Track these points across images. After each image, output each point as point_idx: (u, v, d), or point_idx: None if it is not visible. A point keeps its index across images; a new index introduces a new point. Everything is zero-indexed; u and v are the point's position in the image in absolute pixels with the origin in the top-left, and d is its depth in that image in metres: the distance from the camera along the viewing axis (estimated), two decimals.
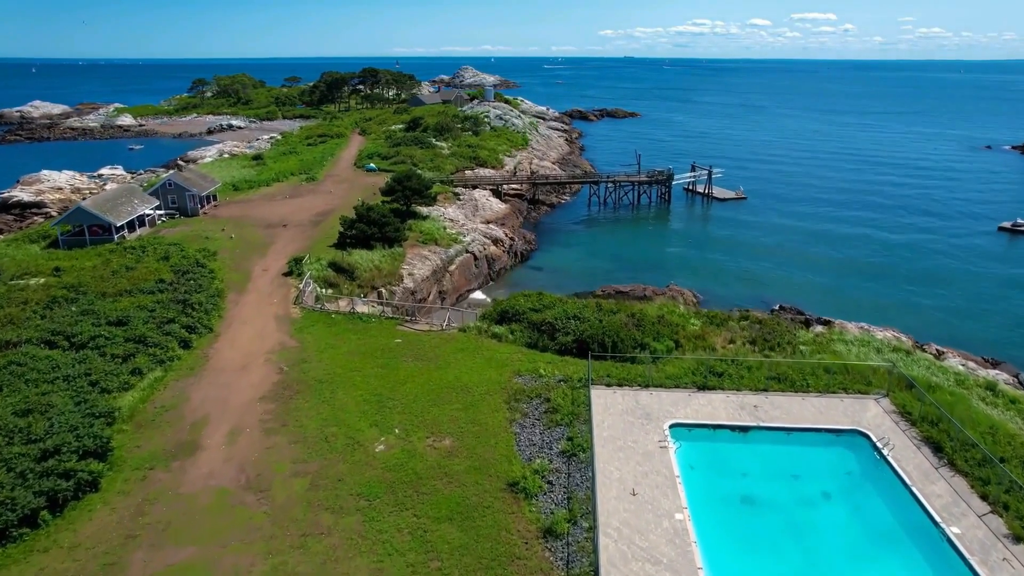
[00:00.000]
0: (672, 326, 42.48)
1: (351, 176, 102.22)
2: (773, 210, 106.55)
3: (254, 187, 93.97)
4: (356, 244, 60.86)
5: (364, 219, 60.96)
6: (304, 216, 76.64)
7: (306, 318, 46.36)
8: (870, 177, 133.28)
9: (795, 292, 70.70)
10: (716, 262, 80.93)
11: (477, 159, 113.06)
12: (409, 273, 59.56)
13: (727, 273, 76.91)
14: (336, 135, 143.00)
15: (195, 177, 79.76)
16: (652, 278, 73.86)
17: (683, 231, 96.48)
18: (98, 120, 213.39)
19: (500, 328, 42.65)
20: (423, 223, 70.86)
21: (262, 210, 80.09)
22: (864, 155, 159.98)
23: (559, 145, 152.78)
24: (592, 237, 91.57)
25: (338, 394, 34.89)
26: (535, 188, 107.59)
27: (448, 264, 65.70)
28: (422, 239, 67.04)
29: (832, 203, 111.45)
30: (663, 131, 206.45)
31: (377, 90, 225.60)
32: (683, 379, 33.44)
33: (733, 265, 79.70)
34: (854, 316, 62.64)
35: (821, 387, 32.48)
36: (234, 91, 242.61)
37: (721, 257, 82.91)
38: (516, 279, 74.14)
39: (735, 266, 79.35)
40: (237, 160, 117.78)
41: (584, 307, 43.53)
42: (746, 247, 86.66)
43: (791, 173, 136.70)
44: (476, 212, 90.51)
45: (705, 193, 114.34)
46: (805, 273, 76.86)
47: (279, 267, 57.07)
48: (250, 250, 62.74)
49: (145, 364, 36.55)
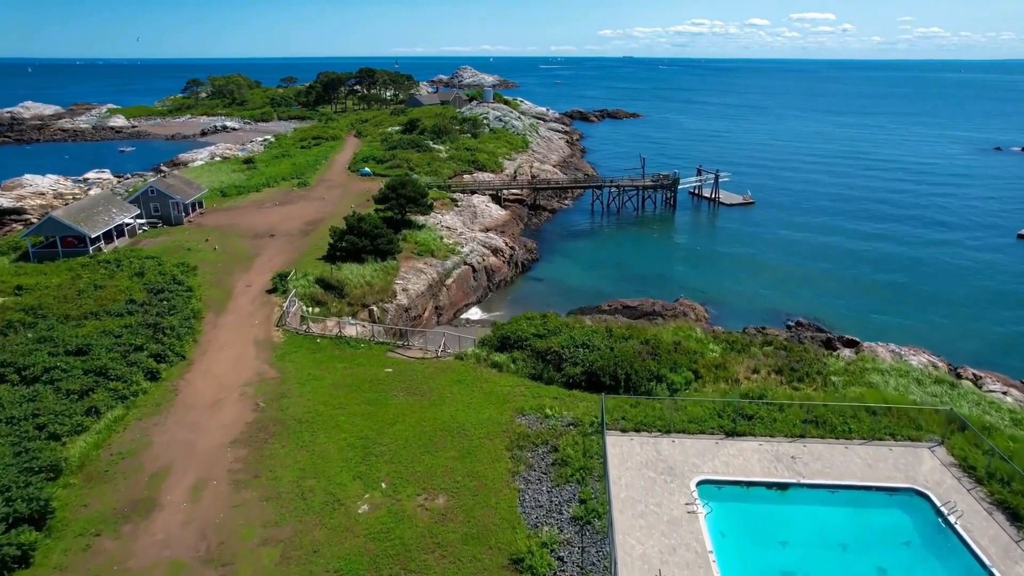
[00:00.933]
0: (690, 354, 38.60)
1: (345, 181, 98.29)
2: (782, 216, 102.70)
3: (243, 193, 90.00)
4: (346, 257, 56.93)
5: (355, 231, 57.04)
6: (293, 225, 72.70)
7: (289, 343, 42.42)
8: (879, 180, 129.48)
9: (811, 305, 66.84)
10: (726, 272, 77.06)
11: (476, 163, 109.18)
12: (403, 288, 55.63)
13: (738, 284, 73.07)
14: (331, 137, 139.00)
15: (179, 184, 75.77)
16: (660, 290, 70.02)
17: (690, 238, 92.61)
18: (90, 121, 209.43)
19: (501, 356, 38.75)
20: (418, 233, 66.95)
21: (250, 218, 76.16)
22: (870, 157, 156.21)
23: (560, 147, 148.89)
24: (596, 245, 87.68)
25: (319, 437, 30.98)
26: (536, 193, 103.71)
27: (445, 277, 61.79)
28: (417, 250, 63.12)
29: (842, 208, 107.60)
30: (665, 132, 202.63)
31: (374, 91, 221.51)
32: (708, 423, 29.52)
33: (744, 275, 75.85)
34: (877, 333, 58.91)
35: (865, 432, 28.60)
36: (229, 92, 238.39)
37: (731, 266, 79.05)
38: (517, 292, 70.27)
39: (746, 276, 75.49)
40: (228, 164, 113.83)
41: (593, 333, 39.61)
42: (757, 256, 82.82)
43: (798, 176, 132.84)
44: (475, 219, 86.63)
45: (712, 198, 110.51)
46: (819, 284, 72.97)
47: (263, 283, 53.13)
48: (234, 263, 58.79)
49: (104, 401, 32.59)
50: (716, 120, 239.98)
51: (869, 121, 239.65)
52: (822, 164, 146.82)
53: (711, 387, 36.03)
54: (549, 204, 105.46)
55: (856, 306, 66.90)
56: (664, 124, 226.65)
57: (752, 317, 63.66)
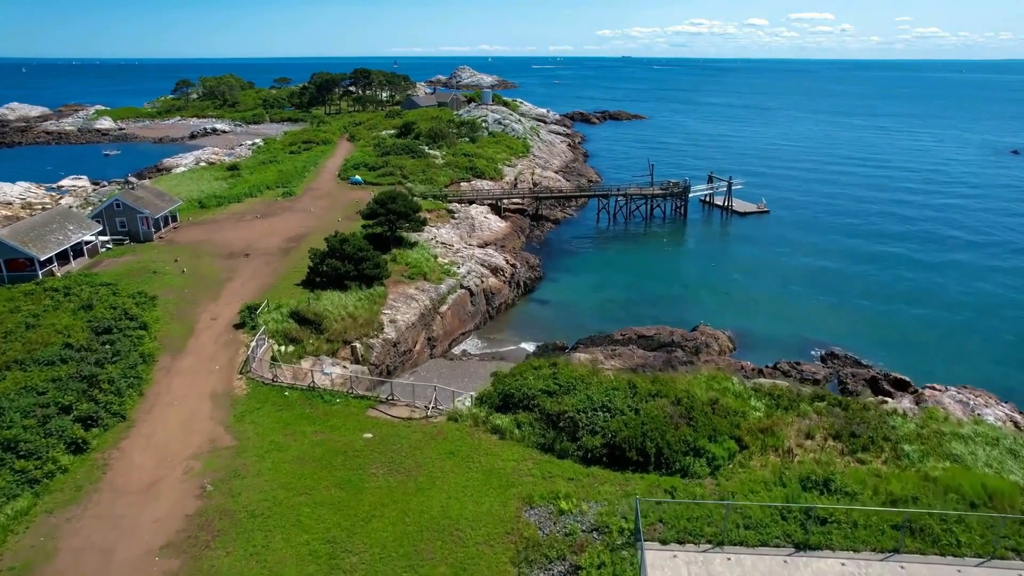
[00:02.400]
0: (730, 415, 32.12)
1: (333, 190, 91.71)
2: (799, 226, 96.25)
3: (223, 204, 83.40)
4: (327, 284, 50.38)
5: (337, 254, 50.49)
6: (273, 242, 66.12)
7: (253, 396, 35.88)
8: (897, 186, 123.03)
9: (840, 330, 60.32)
10: (745, 290, 70.55)
11: (474, 169, 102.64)
12: (391, 320, 49.06)
13: (760, 304, 66.53)
14: (322, 141, 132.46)
15: (149, 196, 69.16)
16: (676, 314, 63.51)
17: (704, 252, 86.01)
18: (75, 123, 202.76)
19: (503, 419, 32.20)
20: (410, 252, 60.36)
21: (227, 233, 69.59)
22: (886, 161, 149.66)
23: (562, 152, 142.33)
24: (603, 260, 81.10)
25: (274, 540, 24.47)
26: (538, 203, 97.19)
27: (439, 304, 55.22)
28: (408, 273, 56.52)
29: (863, 217, 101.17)
30: (670, 135, 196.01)
31: (369, 92, 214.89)
32: (770, 529, 23.02)
33: (765, 294, 69.32)
34: (921, 367, 52.57)
35: (977, 545, 22.19)
36: (220, 93, 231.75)
37: (750, 283, 72.56)
38: (519, 317, 63.66)
39: (767, 295, 68.97)
40: (211, 170, 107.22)
41: (613, 391, 33.02)
42: (776, 271, 76.30)
43: (812, 182, 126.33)
44: (473, 232, 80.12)
45: (724, 206, 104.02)
46: (846, 305, 66.37)
47: (232, 315, 46.55)
48: (202, 290, 52.21)
49: (5, 488, 26.09)
50: (721, 122, 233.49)
51: (880, 123, 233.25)
52: (836, 168, 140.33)
53: (758, 459, 29.60)
54: (552, 214, 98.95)
55: (889, 331, 60.35)
56: (668, 126, 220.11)
57: (779, 345, 57.21)
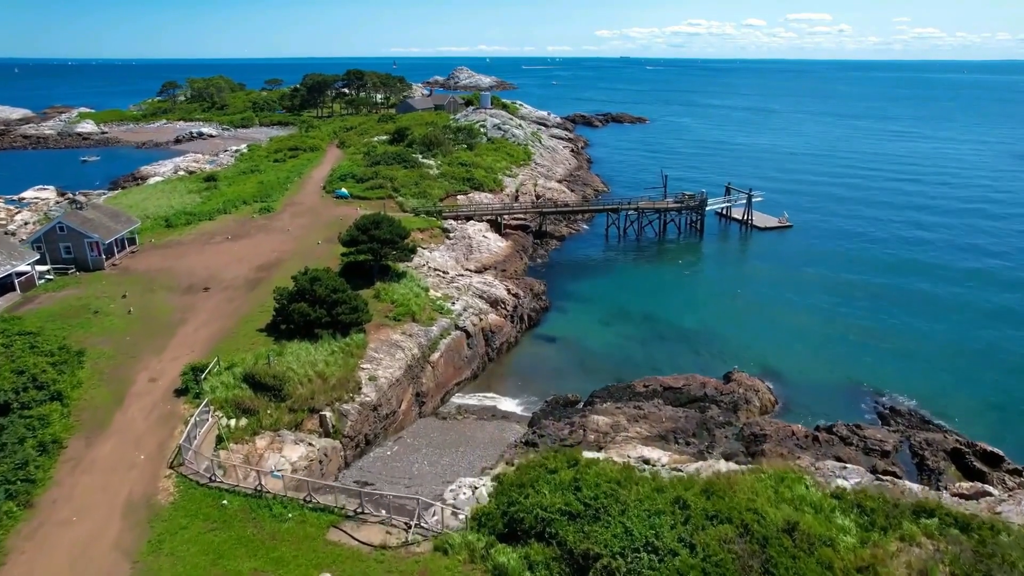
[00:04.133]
0: (815, 544, 23.81)
1: (317, 204, 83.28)
2: (828, 243, 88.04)
3: (193, 222, 74.96)
4: (294, 332, 42.03)
5: (307, 296, 42.13)
6: (241, 271, 57.68)
7: (180, 506, 27.51)
8: (925, 196, 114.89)
9: (893, 373, 52.17)
10: (777, 323, 62.19)
11: (472, 181, 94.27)
12: (371, 377, 40.68)
13: (796, 341, 58.18)
14: (309, 148, 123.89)
15: (101, 217, 60.72)
16: (702, 353, 55.39)
17: (725, 275, 77.62)
18: (56, 127, 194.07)
19: (509, 553, 23.79)
20: (396, 287, 51.90)
21: (191, 259, 61.18)
22: (908, 168, 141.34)
23: (565, 158, 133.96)
24: (615, 284, 72.73)
25: None
26: (542, 218, 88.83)
27: (430, 351, 46.85)
28: (394, 313, 48.13)
29: (895, 232, 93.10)
30: (675, 139, 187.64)
31: (363, 94, 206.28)
32: None
33: (800, 327, 60.99)
34: (1006, 429, 44.48)
35: None
36: (208, 95, 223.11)
37: (781, 313, 64.21)
38: (523, 360, 55.20)
39: (803, 329, 60.64)
40: (187, 181, 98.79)
41: (658, 515, 24.60)
42: (810, 298, 68.03)
43: (833, 192, 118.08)
44: (470, 255, 71.86)
45: (744, 220, 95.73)
46: (896, 339, 58.15)
47: (175, 375, 38.19)
48: (147, 337, 43.83)
49: None
50: (728, 125, 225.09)
51: (892, 126, 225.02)
52: (856, 176, 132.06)
53: None
54: (557, 230, 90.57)
55: (954, 377, 52.03)
56: (673, 129, 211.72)
57: (827, 397, 48.99)
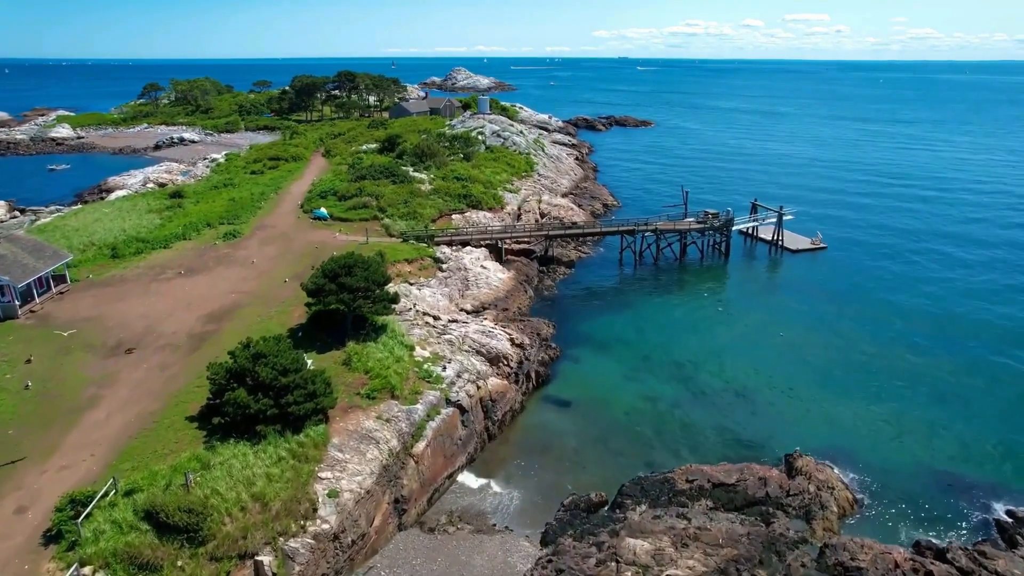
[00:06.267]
0: None
1: (291, 228, 72.87)
2: (871, 267, 77.96)
3: (144, 251, 64.50)
4: (230, 429, 31.62)
5: (247, 378, 31.68)
6: (186, 321, 47.19)
7: None
8: (965, 210, 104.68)
9: (997, 455, 41.90)
10: (835, 377, 51.78)
11: (468, 198, 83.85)
12: (331, 492, 30.21)
13: (863, 403, 47.89)
14: (292, 158, 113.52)
15: (18, 252, 50.13)
16: (752, 428, 45.01)
17: (762, 310, 66.94)
18: (29, 132, 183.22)
19: None
20: (373, 349, 41.38)
21: (129, 303, 50.71)
22: (937, 178, 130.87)
23: (570, 168, 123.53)
24: (634, 325, 62.11)
25: None
26: (549, 242, 78.42)
27: (413, 440, 36.35)
28: (368, 388, 37.65)
29: (939, 251, 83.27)
30: (684, 145, 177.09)
31: (355, 96, 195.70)
32: None
33: (865, 384, 50.58)
34: None
35: None
36: (192, 98, 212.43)
37: (837, 363, 53.83)
38: (530, 436, 44.54)
39: (869, 386, 50.26)
40: (149, 198, 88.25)
41: None
42: (865, 343, 57.67)
43: (859, 205, 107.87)
44: (466, 291, 61.50)
45: (774, 241, 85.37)
46: (991, 403, 47.90)
47: (54, 497, 27.73)
48: (38, 428, 33.32)
49: None
50: (737, 129, 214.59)
51: (907, 130, 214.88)
52: (881, 187, 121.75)
53: None
54: (565, 254, 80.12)
55: None
56: (680, 134, 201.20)
57: (917, 488, 38.68)
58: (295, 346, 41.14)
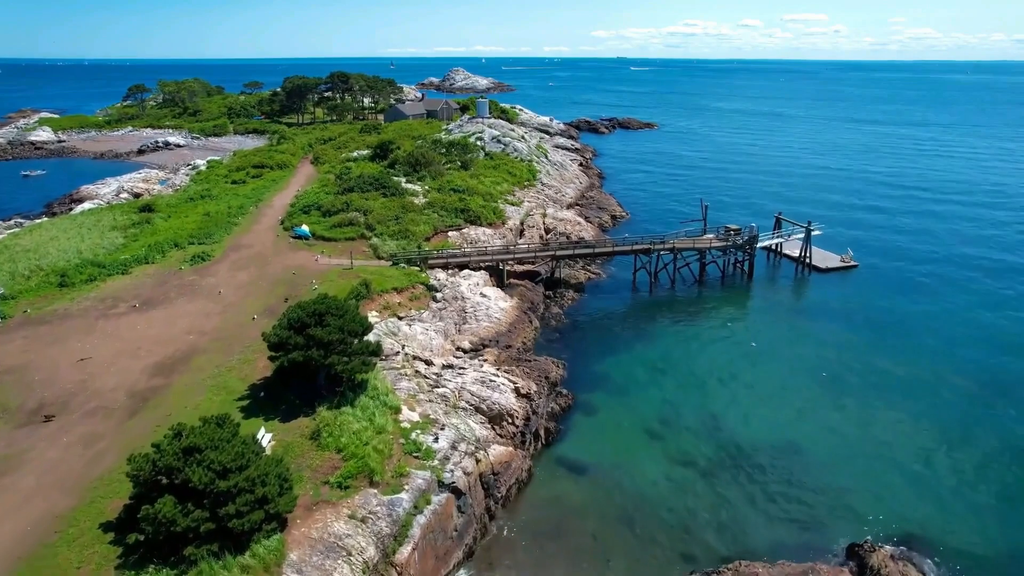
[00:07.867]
0: None
1: (268, 248, 65.24)
2: (906, 287, 70.71)
3: (98, 277, 56.79)
4: (152, 549, 24.01)
5: (174, 481, 24.02)
6: (130, 372, 39.48)
7: None
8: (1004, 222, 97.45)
9: None
10: (897, 433, 44.26)
11: (466, 212, 76.30)
12: None
13: (932, 469, 40.42)
14: (277, 165, 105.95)
15: None
16: (806, 503, 37.34)
17: (798, 343, 59.52)
18: (7, 135, 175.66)
19: None
20: (347, 418, 33.61)
21: (66, 346, 43.06)
22: (969, 189, 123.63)
23: (575, 176, 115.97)
24: (655, 365, 54.16)
25: None
26: (557, 262, 70.87)
27: (397, 543, 28.76)
28: (339, 475, 30.04)
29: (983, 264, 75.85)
30: (690, 149, 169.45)
31: (349, 98, 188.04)
32: None
33: (932, 442, 43.12)
34: None
35: None
36: (180, 99, 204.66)
37: (895, 415, 46.10)
38: (538, 518, 36.62)
39: (937, 445, 42.83)
40: (116, 212, 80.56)
41: None
42: (922, 387, 50.07)
43: (886, 214, 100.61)
44: (463, 324, 53.88)
45: (801, 259, 77.91)
46: None
47: None
48: None
49: None
50: (745, 133, 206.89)
51: (921, 133, 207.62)
52: (906, 197, 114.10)
53: None
54: (574, 275, 72.61)
55: None
56: (686, 137, 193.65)
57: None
58: (254, 410, 33.70)
